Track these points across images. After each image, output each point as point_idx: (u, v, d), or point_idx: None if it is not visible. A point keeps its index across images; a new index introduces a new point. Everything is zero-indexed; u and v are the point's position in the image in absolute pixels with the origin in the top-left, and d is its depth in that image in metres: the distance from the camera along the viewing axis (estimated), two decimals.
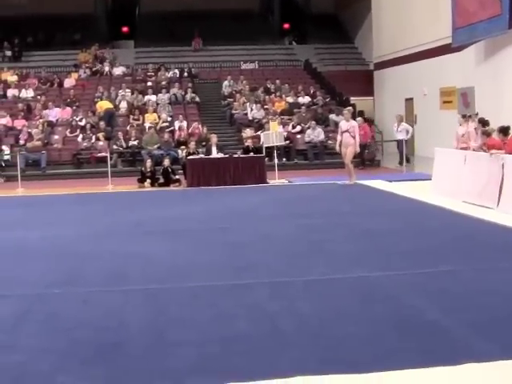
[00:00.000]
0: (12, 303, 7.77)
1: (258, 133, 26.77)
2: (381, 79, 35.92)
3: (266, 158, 22.93)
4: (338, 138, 20.53)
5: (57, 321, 7.05)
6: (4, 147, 27.05)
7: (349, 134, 20.08)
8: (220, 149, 23.47)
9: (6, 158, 26.49)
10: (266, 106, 30.39)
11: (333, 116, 29.43)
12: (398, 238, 11.37)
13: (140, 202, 18.32)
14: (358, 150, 20.88)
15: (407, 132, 26.89)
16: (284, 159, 26.17)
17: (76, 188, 21.43)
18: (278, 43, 42.37)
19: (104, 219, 14.83)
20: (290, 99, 31.39)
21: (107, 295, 8.05)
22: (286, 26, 44.52)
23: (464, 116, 19.23)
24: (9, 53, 38.90)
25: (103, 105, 29.70)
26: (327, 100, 32.29)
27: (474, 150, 16.78)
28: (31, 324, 6.99)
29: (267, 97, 31.57)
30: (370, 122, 31.70)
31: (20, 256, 10.75)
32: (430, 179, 17.86)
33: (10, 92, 32.76)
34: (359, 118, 26.41)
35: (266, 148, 23.47)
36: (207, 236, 12.19)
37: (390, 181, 20.39)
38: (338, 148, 20.60)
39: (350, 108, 22.41)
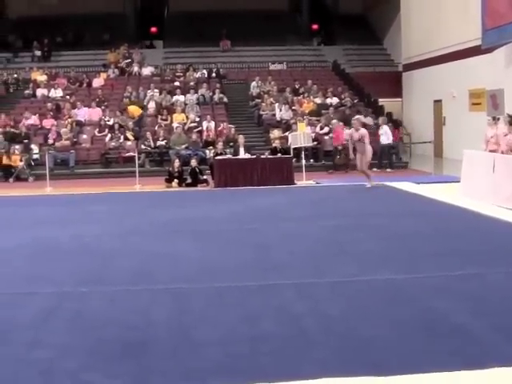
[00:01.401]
0: (40, 301, 7.82)
1: (286, 134, 26.78)
2: (409, 81, 35.78)
3: (294, 159, 22.93)
4: (350, 146, 20.52)
5: (84, 319, 7.09)
6: (33, 146, 27.26)
7: (361, 142, 19.90)
8: (247, 149, 23.51)
9: (34, 157, 26.70)
10: (293, 107, 30.38)
11: (361, 117, 29.32)
12: (425, 241, 11.30)
13: (167, 202, 18.37)
14: (369, 159, 20.29)
15: (388, 136, 26.88)
16: (311, 160, 26.17)
17: (104, 187, 21.53)
18: (306, 44, 42.31)
19: (131, 218, 14.89)
20: (318, 100, 31.34)
21: (134, 294, 8.08)
22: (315, 26, 44.44)
23: (494, 118, 19.08)
24: (38, 53, 39.17)
25: (136, 110, 29.88)
26: (355, 101, 32.21)
27: (502, 152, 16.67)
28: (59, 321, 7.03)
29: (295, 98, 31.55)
30: (398, 123, 31.61)
31: (48, 254, 10.83)
32: (459, 181, 17.77)
33: (40, 91, 32.99)
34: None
35: (294, 149, 23.48)
36: (234, 236, 12.21)
37: (418, 183, 20.30)
38: (352, 156, 20.56)
39: (359, 117, 22.25)
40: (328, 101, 31.48)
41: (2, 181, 25.22)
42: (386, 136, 26.84)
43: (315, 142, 26.58)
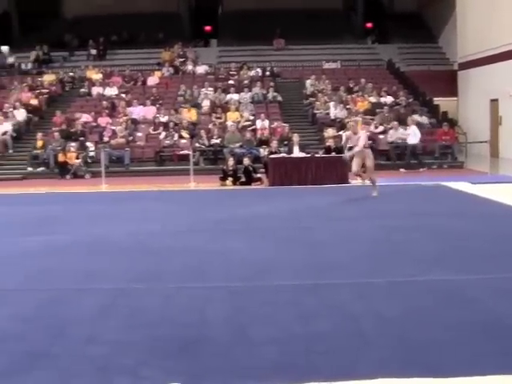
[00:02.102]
0: (97, 297, 7.89)
1: (340, 132, 26.66)
2: (465, 79, 35.39)
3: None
4: (347, 150, 18.46)
5: (140, 315, 7.12)
6: (89, 144, 27.57)
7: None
8: (302, 148, 23.47)
9: (90, 154, 27.00)
10: (348, 106, 30.25)
11: (416, 116, 29.11)
12: (481, 241, 11.16)
13: (222, 200, 18.43)
14: (372, 163, 18.30)
15: (416, 136, 26.68)
16: None
17: (158, 185, 21.67)
18: (360, 42, 42.11)
19: (186, 216, 14.97)
20: (373, 99, 31.16)
21: (189, 291, 8.10)
22: (369, 25, 44.17)
23: None
24: (94, 51, 39.59)
25: (194, 115, 29.95)
26: (410, 100, 31.94)
27: None
28: (115, 318, 7.08)
29: (349, 96, 31.42)
30: (453, 123, 31.33)
31: (104, 251, 10.93)
32: None
33: (95, 90, 33.35)
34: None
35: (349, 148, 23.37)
36: (289, 235, 12.18)
37: (474, 183, 20.07)
38: (348, 157, 18.37)
39: (357, 118, 20.27)
40: (382, 100, 31.26)
41: (59, 178, 25.55)
42: (414, 136, 26.71)
43: (370, 141, 26.36)
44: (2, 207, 17.66)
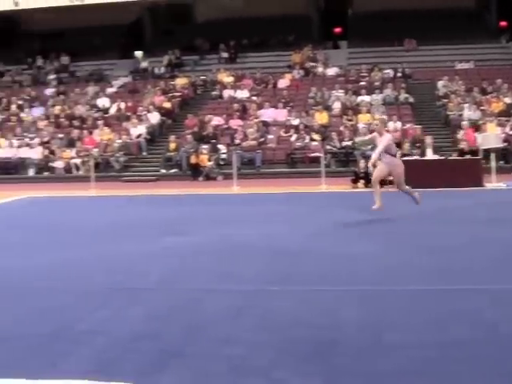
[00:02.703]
0: (232, 298, 7.96)
1: (475, 134, 26.12)
2: None
3: (483, 161, 22.28)
4: (374, 156, 15.25)
5: (274, 317, 7.14)
6: (220, 146, 27.94)
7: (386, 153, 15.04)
8: (435, 150, 23.11)
9: (222, 156, 27.38)
10: (482, 107, 29.58)
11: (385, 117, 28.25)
12: None
13: (353, 203, 18.29)
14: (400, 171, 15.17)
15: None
16: (502, 162, 25.34)
17: (289, 187, 21.73)
18: (494, 42, 41.08)
19: (317, 218, 14.95)
20: (508, 100, 30.37)
21: (322, 294, 8.08)
22: (503, 23, 43.05)
23: None
24: (225, 54, 40.12)
25: (325, 118, 29.95)
26: None
27: None
28: (250, 319, 7.12)
29: (483, 97, 30.72)
30: None
31: (236, 252, 11.03)
32: None
33: (226, 92, 33.79)
34: None
35: (484, 150, 22.86)
36: (419, 239, 11.98)
37: None
38: (371, 167, 15.82)
39: (383, 117, 15.55)
40: None
41: (191, 179, 26.00)
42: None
43: (505, 143, 25.76)
44: (137, 208, 18.10)
